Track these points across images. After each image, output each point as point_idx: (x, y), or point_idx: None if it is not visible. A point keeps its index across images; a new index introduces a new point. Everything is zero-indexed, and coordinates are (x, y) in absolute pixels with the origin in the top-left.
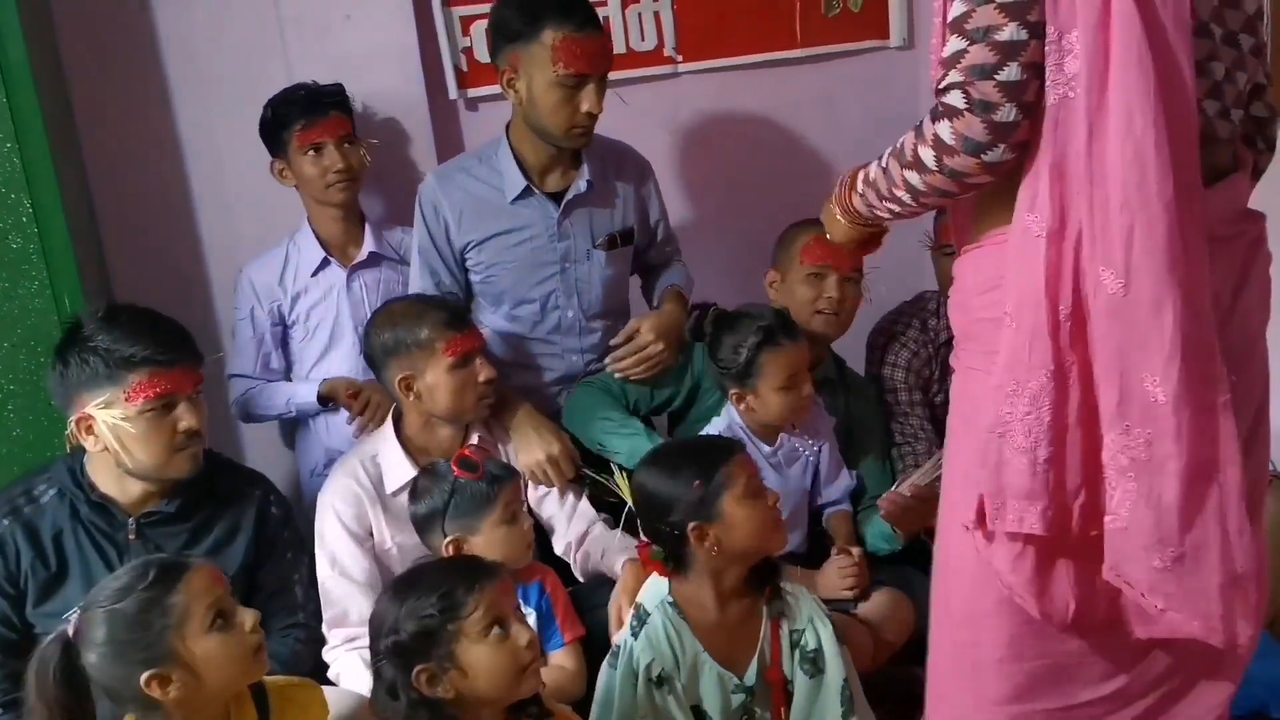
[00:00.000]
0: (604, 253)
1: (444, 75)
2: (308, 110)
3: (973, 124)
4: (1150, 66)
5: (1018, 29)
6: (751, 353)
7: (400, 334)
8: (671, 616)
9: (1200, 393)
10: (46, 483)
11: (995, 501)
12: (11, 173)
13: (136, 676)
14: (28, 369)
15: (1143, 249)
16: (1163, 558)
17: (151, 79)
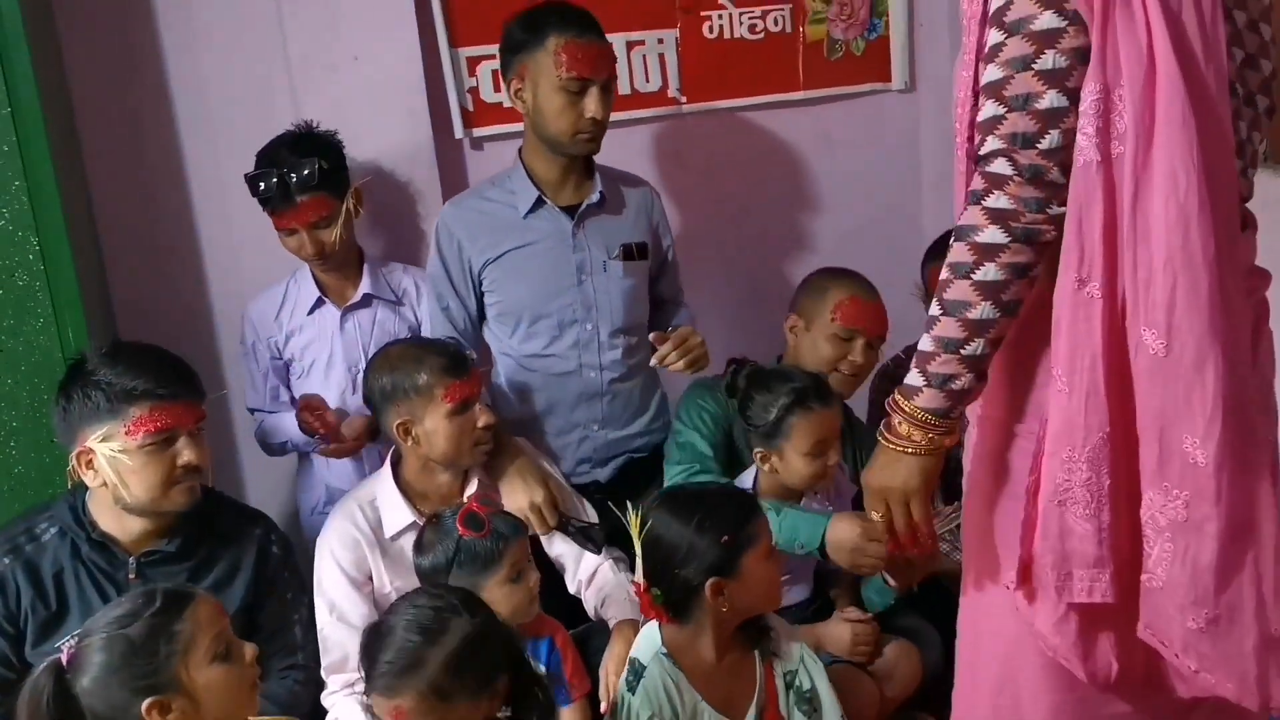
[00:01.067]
0: (621, 263)
1: (450, 115)
2: (278, 199)
3: (1025, 188)
4: (1194, 125)
5: (1058, 95)
6: (781, 413)
7: (399, 379)
8: (668, 667)
9: (1242, 453)
10: (48, 521)
11: (1060, 572)
12: (20, 211)
13: (136, 704)
14: (31, 406)
15: (1185, 309)
16: (1196, 619)
17: (160, 117)
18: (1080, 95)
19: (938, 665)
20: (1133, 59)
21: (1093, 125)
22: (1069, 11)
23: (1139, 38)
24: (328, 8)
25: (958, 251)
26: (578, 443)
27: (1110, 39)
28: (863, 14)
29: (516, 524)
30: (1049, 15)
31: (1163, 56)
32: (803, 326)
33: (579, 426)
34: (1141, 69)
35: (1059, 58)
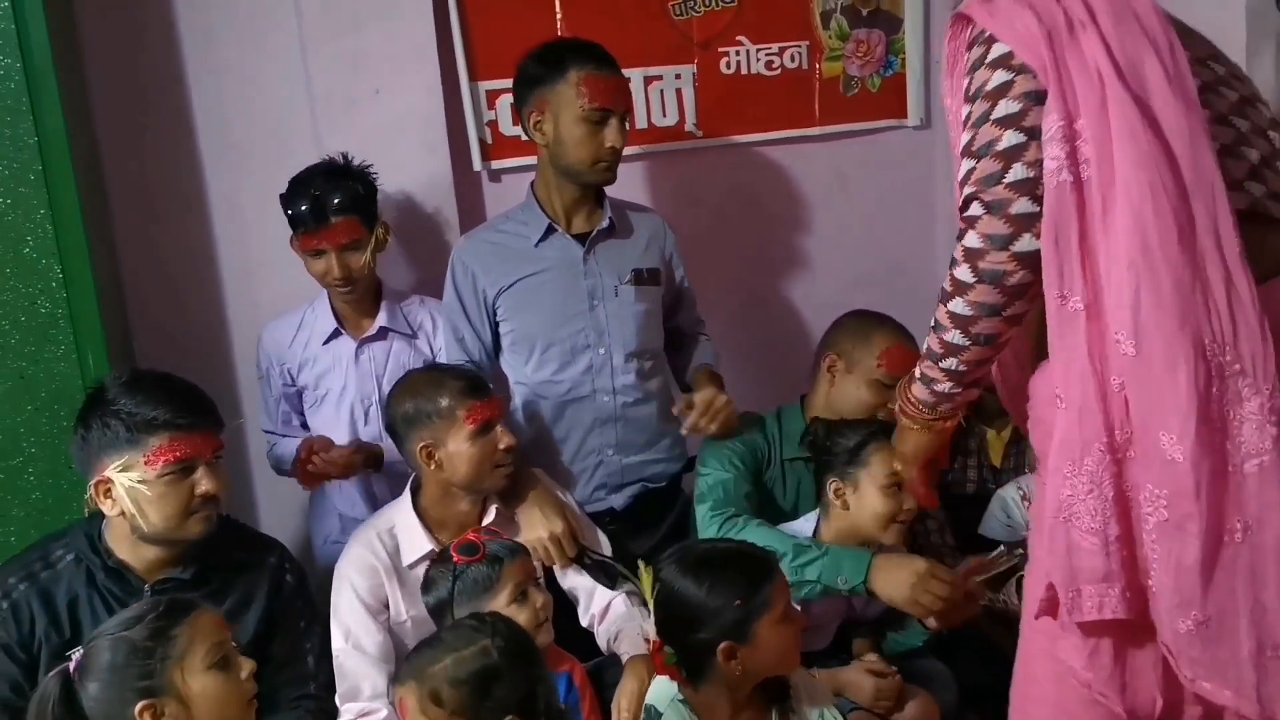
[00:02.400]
0: (632, 288)
1: (469, 148)
2: (312, 217)
3: (992, 223)
4: (1143, 137)
5: (1014, 134)
6: (864, 439)
7: (421, 404)
8: (685, 715)
9: (1223, 451)
10: (64, 548)
11: (1069, 590)
12: (44, 239)
13: (131, 706)
14: (49, 433)
15: (1150, 309)
16: (1185, 621)
17: (182, 148)
18: (1040, 130)
19: (953, 709)
20: (1087, 89)
21: (1061, 150)
22: (1015, 65)
23: (1091, 74)
24: (351, 42)
25: (944, 279)
26: (593, 469)
27: (1066, 77)
28: (879, 51)
29: (514, 546)
30: (999, 74)
31: (1111, 85)
32: (843, 368)
33: (594, 452)
34: (1096, 96)
35: (1011, 103)
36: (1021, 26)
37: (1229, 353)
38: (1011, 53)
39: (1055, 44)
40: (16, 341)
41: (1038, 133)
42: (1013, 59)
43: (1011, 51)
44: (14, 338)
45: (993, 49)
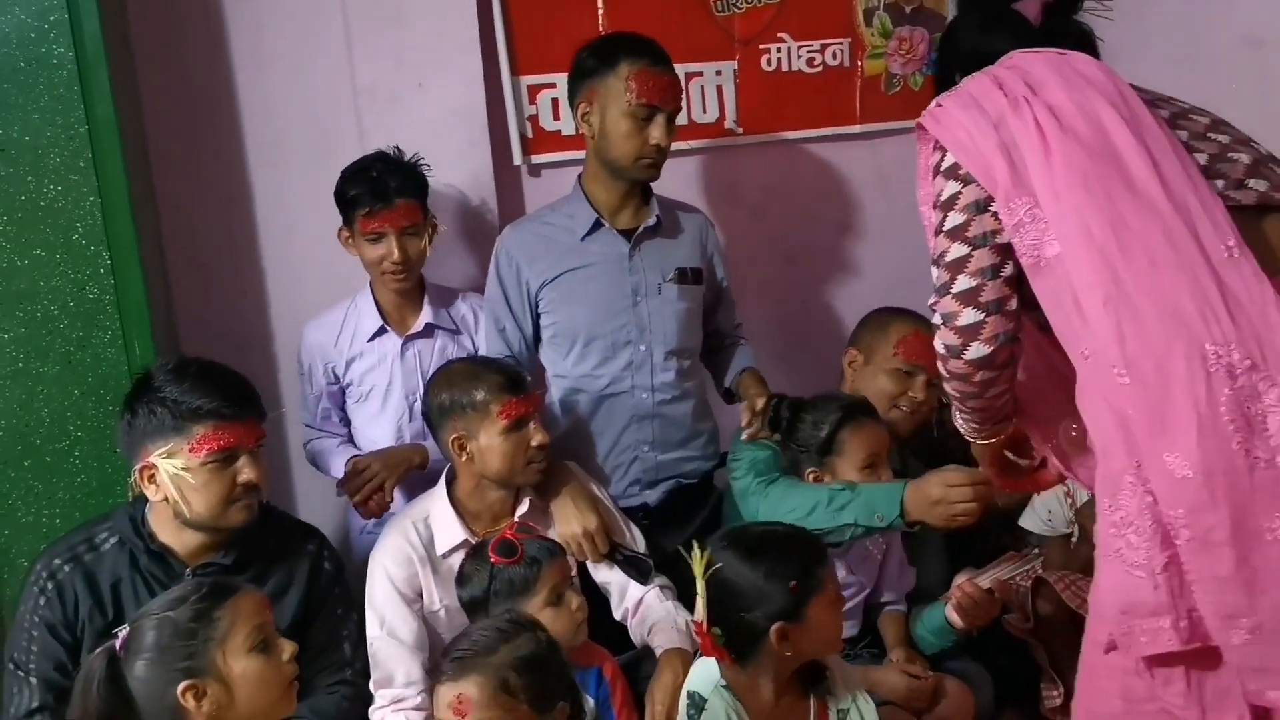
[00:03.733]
0: (675, 286)
1: (509, 142)
2: (374, 197)
3: (945, 334)
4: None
5: (960, 246)
6: (833, 429)
7: (456, 395)
8: (729, 700)
9: (1247, 452)
10: (108, 531)
11: (1121, 628)
12: (93, 225)
13: (174, 686)
14: (96, 417)
15: (1134, 337)
16: (1238, 632)
17: (229, 141)
18: (985, 238)
19: (988, 707)
20: (1033, 158)
21: (1035, 227)
22: (962, 175)
23: (1034, 142)
24: (395, 37)
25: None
26: (628, 464)
27: (1019, 159)
28: (921, 49)
29: (552, 547)
30: (950, 184)
31: (1055, 142)
32: (862, 361)
33: (630, 448)
34: (1040, 160)
35: (957, 215)
36: (964, 133)
37: (1235, 352)
38: (957, 163)
39: (1003, 130)
40: (65, 326)
41: (981, 241)
42: (959, 169)
43: (957, 162)
44: (62, 323)
45: (945, 157)
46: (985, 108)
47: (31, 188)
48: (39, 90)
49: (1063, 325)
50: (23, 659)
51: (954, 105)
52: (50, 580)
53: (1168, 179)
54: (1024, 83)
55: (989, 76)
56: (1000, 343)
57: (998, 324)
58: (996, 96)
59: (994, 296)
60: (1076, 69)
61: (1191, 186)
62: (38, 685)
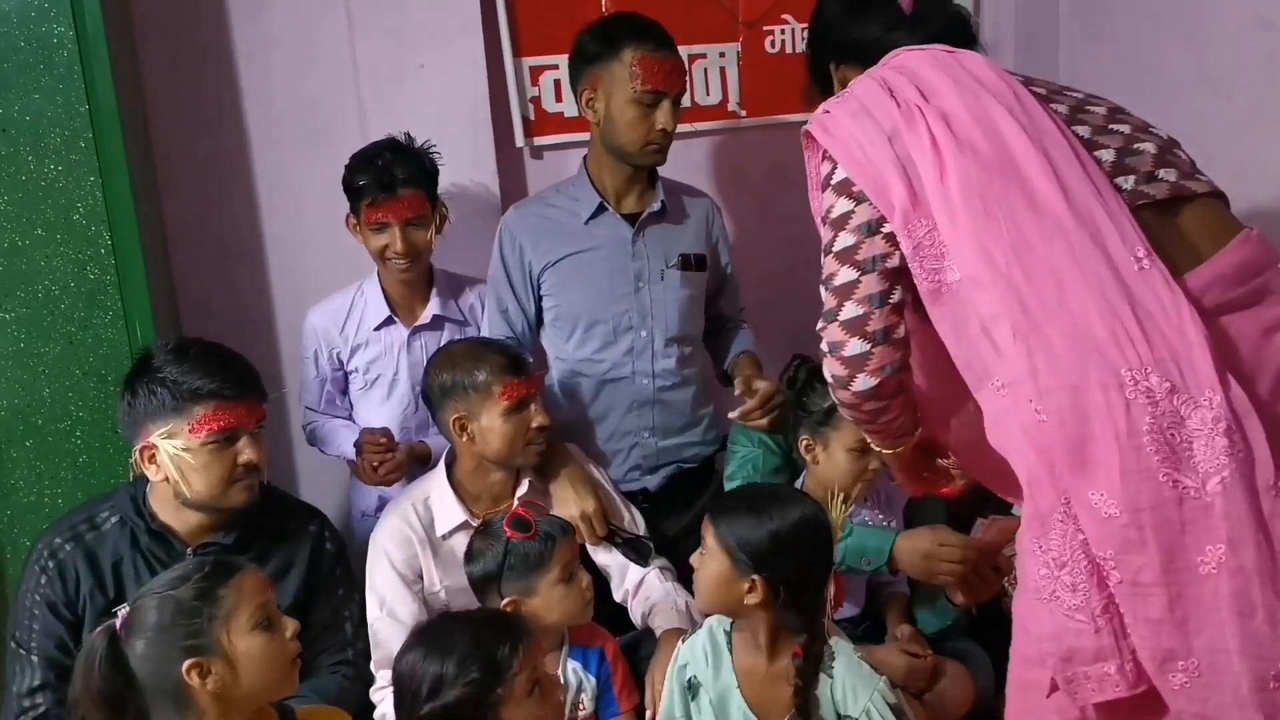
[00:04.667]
0: (678, 273)
1: (512, 124)
2: (378, 187)
3: (831, 363)
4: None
5: (848, 270)
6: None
7: (458, 376)
8: (718, 639)
9: (1158, 491)
10: (109, 510)
11: (1065, 674)
12: (94, 206)
13: (178, 665)
14: (97, 397)
15: (1047, 371)
16: (1176, 675)
17: (230, 121)
18: (874, 261)
19: (988, 689)
20: (929, 173)
21: (934, 251)
22: (855, 193)
23: (929, 157)
24: (397, 18)
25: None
26: (628, 450)
27: (914, 174)
28: None
29: (564, 525)
30: (842, 201)
31: (950, 157)
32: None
33: (630, 433)
34: (935, 176)
35: (848, 236)
36: (856, 147)
37: (1153, 376)
38: (849, 178)
39: (898, 144)
40: (66, 307)
41: (870, 265)
42: (852, 186)
43: (849, 177)
44: (64, 303)
45: (836, 170)
46: (877, 118)
47: (32, 167)
48: (39, 70)
49: (970, 355)
50: (24, 638)
51: (842, 113)
52: (51, 559)
53: (1070, 190)
54: (915, 88)
55: (877, 80)
56: (887, 374)
57: (885, 355)
58: (888, 105)
59: (881, 325)
60: (968, 70)
61: (1095, 194)
62: (39, 664)
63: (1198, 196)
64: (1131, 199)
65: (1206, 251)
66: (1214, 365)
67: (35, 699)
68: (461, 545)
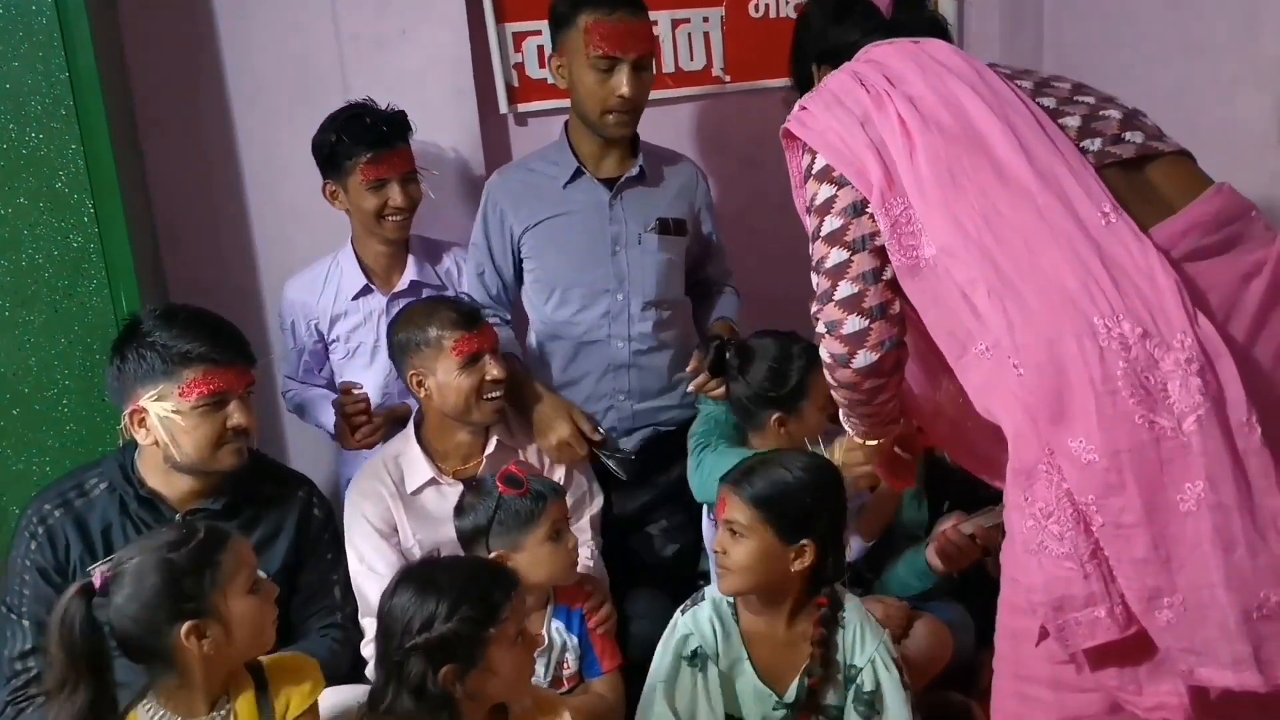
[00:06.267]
0: (655, 237)
1: (495, 90)
2: (375, 143)
3: (830, 342)
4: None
5: (839, 251)
6: (801, 373)
7: (412, 333)
8: (723, 611)
9: (1135, 434)
10: (98, 477)
11: (1056, 622)
12: (76, 174)
13: (173, 627)
14: (84, 366)
15: (1022, 326)
16: (1162, 611)
17: (212, 90)
18: (863, 241)
19: (969, 649)
20: (901, 155)
21: (911, 228)
22: (836, 178)
23: (899, 139)
24: None
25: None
26: (604, 412)
27: (888, 158)
28: None
29: (555, 486)
30: (824, 188)
31: (918, 135)
32: None
33: (605, 396)
34: (906, 157)
35: (834, 220)
36: (833, 135)
37: (1125, 323)
38: (829, 165)
39: (870, 128)
40: (50, 275)
41: (860, 245)
42: (832, 171)
43: (829, 164)
44: (47, 271)
45: (816, 159)
46: (849, 106)
47: (13, 135)
48: (19, 37)
49: (952, 324)
50: (15, 602)
51: (817, 107)
52: (41, 525)
53: (1034, 155)
54: (883, 76)
55: (848, 73)
56: (887, 349)
57: (883, 330)
58: (859, 93)
59: (877, 301)
60: (933, 56)
61: (1060, 157)
62: (30, 628)
63: (1165, 155)
64: (1099, 159)
65: (1178, 203)
66: (1184, 309)
67: (27, 662)
68: (431, 501)
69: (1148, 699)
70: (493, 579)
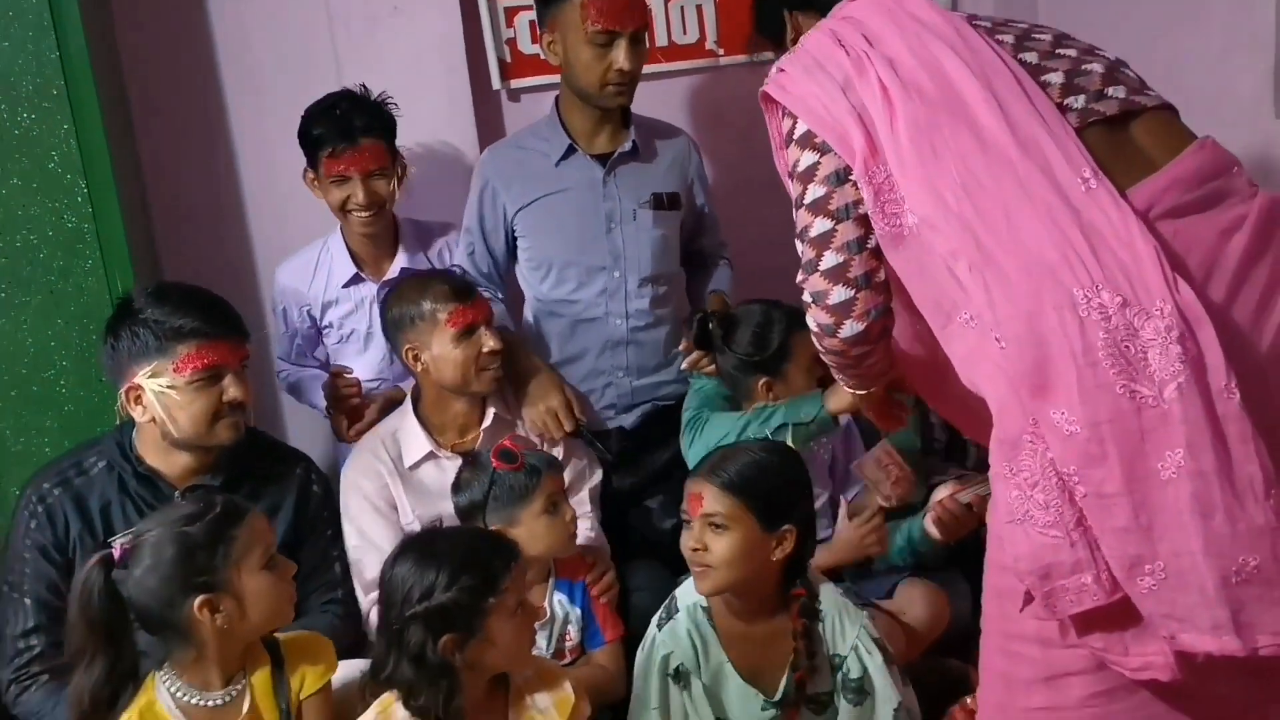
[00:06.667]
0: (650, 213)
1: (487, 66)
2: (338, 136)
3: (816, 313)
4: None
5: (823, 221)
6: (783, 336)
7: (406, 308)
8: (699, 620)
9: (1116, 404)
10: (96, 455)
11: (1044, 590)
12: (68, 154)
13: (189, 600)
14: (80, 346)
15: (1003, 299)
16: (1144, 579)
17: (204, 70)
18: (847, 210)
19: (966, 615)
20: (882, 122)
21: (894, 196)
22: (818, 144)
23: (879, 104)
24: None
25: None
26: (603, 389)
27: (870, 122)
28: None
29: (550, 459)
30: (807, 154)
31: (899, 103)
32: None
33: (604, 373)
34: (887, 124)
35: (818, 188)
36: (815, 100)
37: (1104, 293)
38: (811, 130)
39: (851, 93)
40: (45, 256)
41: (844, 213)
42: (814, 138)
43: (810, 130)
44: (42, 252)
45: (797, 125)
46: (830, 70)
47: (5, 116)
48: (9, 17)
49: (937, 294)
50: (17, 581)
51: (797, 70)
52: (40, 504)
53: (1015, 122)
54: (862, 35)
55: (826, 32)
56: (873, 318)
57: (869, 299)
58: (839, 55)
59: (862, 270)
60: (911, 13)
61: (1041, 122)
62: (32, 606)
63: (1148, 110)
64: (1083, 117)
65: (1161, 160)
66: (1164, 275)
67: (30, 640)
68: (430, 475)
69: (1133, 659)
70: (493, 549)
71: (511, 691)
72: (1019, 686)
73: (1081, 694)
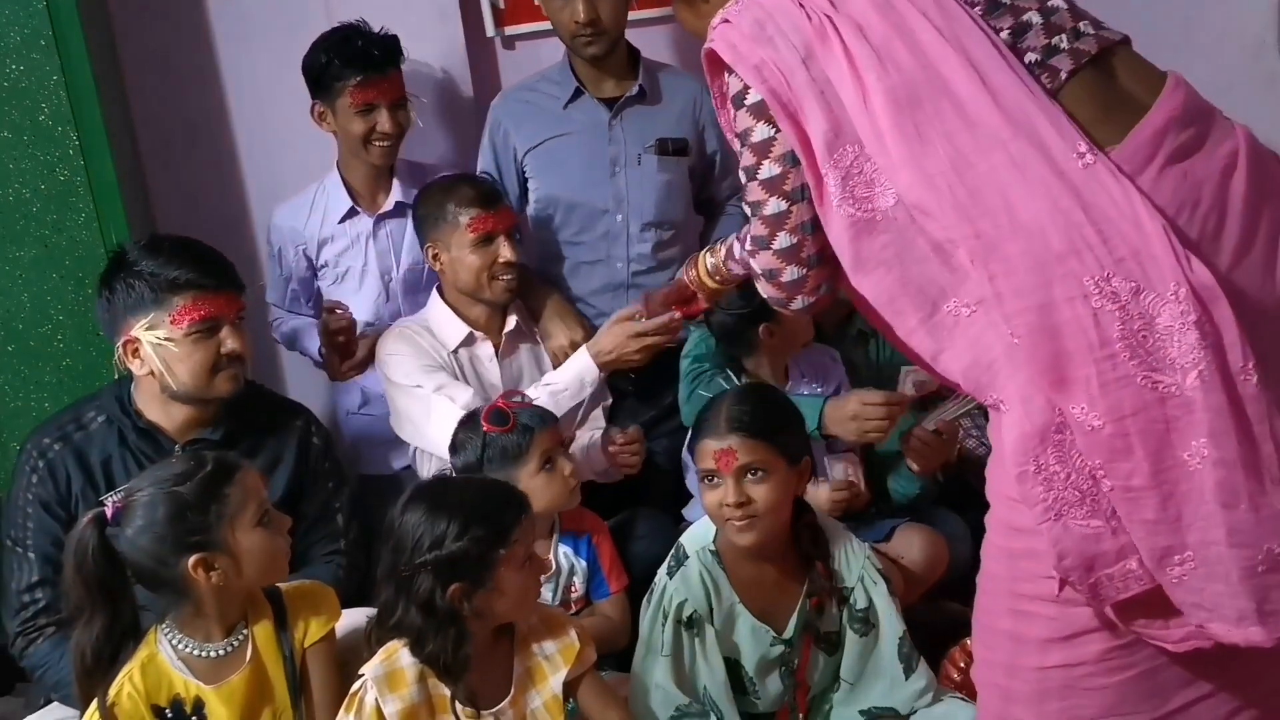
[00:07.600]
0: (655, 158)
1: (481, 13)
2: (366, 66)
3: (766, 287)
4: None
5: (777, 201)
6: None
7: (432, 208)
8: (709, 563)
9: (1139, 395)
10: (95, 410)
11: (1088, 581)
12: (58, 105)
13: (183, 559)
14: (75, 300)
15: (1010, 293)
16: (1174, 569)
17: (193, 16)
18: (802, 190)
19: (965, 559)
20: (852, 98)
21: (863, 178)
22: (770, 116)
23: (848, 81)
24: None
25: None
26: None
27: (834, 99)
28: None
29: (544, 414)
30: (761, 127)
31: (870, 79)
32: None
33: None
34: (858, 102)
35: (773, 166)
36: (769, 71)
37: (1116, 279)
38: (764, 101)
39: (813, 65)
40: (39, 210)
41: (799, 195)
42: (767, 109)
43: (764, 100)
44: (35, 205)
45: (750, 92)
46: (789, 36)
47: None
48: None
49: (921, 280)
50: (20, 536)
51: (748, 26)
52: (41, 459)
53: (1000, 93)
54: None
55: None
56: (823, 291)
57: (819, 275)
58: (798, 18)
59: (815, 250)
60: None
61: (1027, 92)
62: (36, 560)
63: (1116, 45)
64: (1075, 59)
65: (1147, 98)
66: (1174, 253)
67: (35, 594)
68: (469, 359)
69: (1175, 633)
70: (504, 501)
71: (517, 639)
72: (1031, 646)
73: (1101, 648)
